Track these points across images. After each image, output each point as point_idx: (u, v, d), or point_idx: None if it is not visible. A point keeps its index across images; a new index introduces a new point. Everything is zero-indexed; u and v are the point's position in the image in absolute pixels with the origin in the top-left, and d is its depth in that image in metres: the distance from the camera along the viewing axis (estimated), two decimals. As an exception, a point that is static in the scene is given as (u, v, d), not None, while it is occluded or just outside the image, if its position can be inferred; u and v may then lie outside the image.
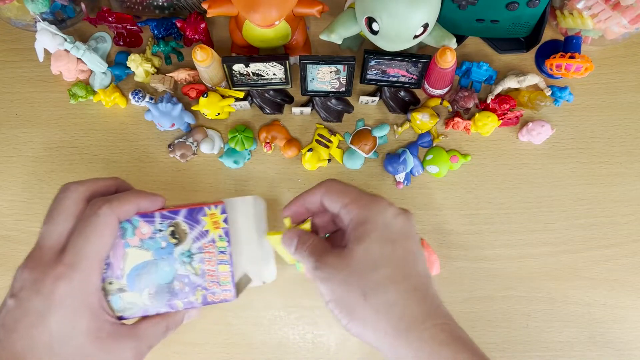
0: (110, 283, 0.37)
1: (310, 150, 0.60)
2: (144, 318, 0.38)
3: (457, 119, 0.60)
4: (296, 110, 0.62)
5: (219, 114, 0.60)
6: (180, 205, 0.40)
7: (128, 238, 0.37)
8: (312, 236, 0.38)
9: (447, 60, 0.54)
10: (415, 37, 0.51)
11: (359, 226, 0.35)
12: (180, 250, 0.38)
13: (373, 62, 0.57)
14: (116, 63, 0.64)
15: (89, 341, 0.32)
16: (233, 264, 0.39)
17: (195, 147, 0.61)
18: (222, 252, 0.39)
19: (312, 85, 0.59)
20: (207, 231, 0.39)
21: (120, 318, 0.37)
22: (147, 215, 0.38)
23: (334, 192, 0.38)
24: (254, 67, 0.57)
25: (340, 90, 0.60)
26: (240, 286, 0.41)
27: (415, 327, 0.32)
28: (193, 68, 0.62)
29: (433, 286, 0.35)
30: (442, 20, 0.54)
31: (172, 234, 0.38)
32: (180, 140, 0.61)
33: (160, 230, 0.38)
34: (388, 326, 0.33)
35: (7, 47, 0.66)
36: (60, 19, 0.64)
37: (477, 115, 0.59)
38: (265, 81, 0.60)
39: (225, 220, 0.39)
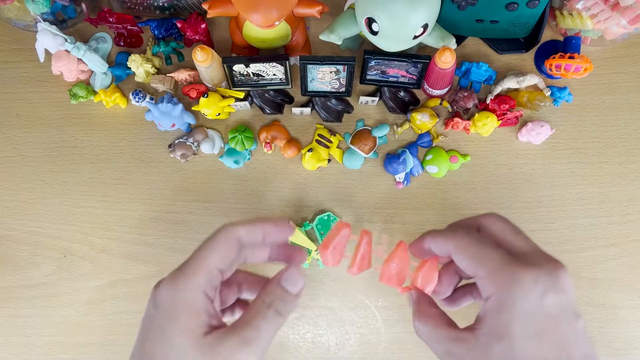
0: None
1: (310, 150, 0.60)
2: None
3: (456, 119, 0.60)
4: (296, 110, 0.62)
5: (219, 114, 0.60)
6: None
7: None
8: (434, 305, 0.34)
9: (447, 61, 0.54)
10: (415, 37, 0.51)
11: (497, 314, 0.30)
12: None
13: (373, 63, 0.57)
14: (117, 63, 0.64)
15: (188, 342, 0.29)
16: None
17: (196, 147, 0.61)
18: None
19: (312, 86, 0.60)
20: None
21: None
22: None
23: (467, 256, 0.32)
24: (254, 67, 0.57)
25: (340, 90, 0.60)
26: None
27: None
28: (193, 68, 0.62)
29: None
30: (441, 21, 0.54)
31: None
32: (181, 140, 0.61)
33: None
34: None
35: (8, 48, 0.66)
36: (60, 20, 0.64)
37: (476, 115, 0.60)
38: (265, 81, 0.60)
39: None
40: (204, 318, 0.30)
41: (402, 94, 0.62)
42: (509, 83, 0.59)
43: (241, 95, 0.60)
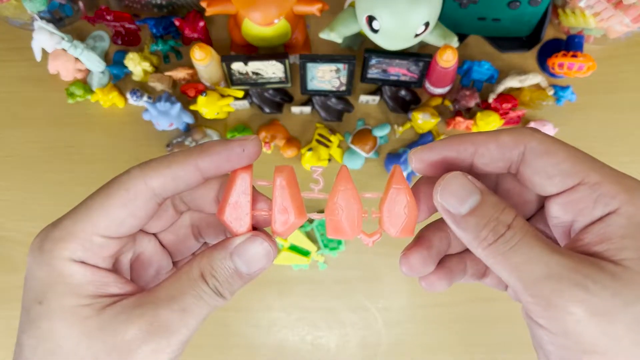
0: None
1: (310, 150, 0.60)
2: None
3: (458, 119, 0.59)
4: (296, 109, 0.61)
5: (217, 113, 0.59)
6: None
7: None
8: (512, 206, 0.22)
9: (449, 59, 0.53)
10: (416, 35, 0.50)
11: None
12: None
13: (373, 61, 0.57)
14: (114, 62, 0.63)
15: (68, 328, 0.21)
16: None
17: (194, 146, 0.61)
18: None
19: (312, 85, 0.59)
20: None
21: None
22: None
23: (562, 157, 0.21)
24: (253, 65, 0.56)
25: (341, 89, 0.60)
26: None
27: None
28: (192, 67, 0.61)
29: None
30: (443, 19, 0.54)
31: None
32: (179, 140, 0.60)
33: None
34: None
35: (5, 46, 0.65)
36: (58, 18, 0.63)
37: (478, 114, 0.59)
38: (264, 80, 0.59)
39: None
40: (88, 293, 0.21)
41: (403, 92, 0.61)
42: (511, 82, 0.59)
43: (240, 94, 0.60)
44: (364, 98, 0.61)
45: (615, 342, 0.18)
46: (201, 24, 0.60)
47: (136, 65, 0.60)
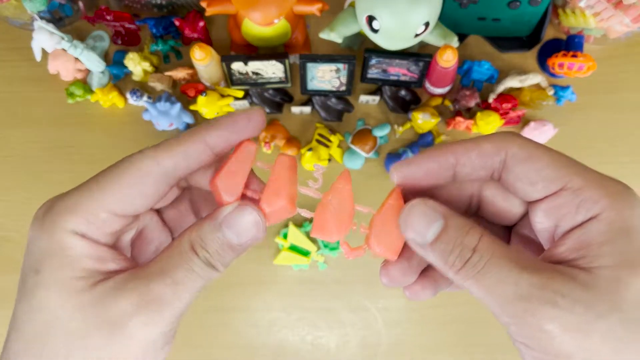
0: None
1: (310, 150, 0.60)
2: None
3: (458, 119, 0.59)
4: (296, 109, 0.61)
5: (217, 113, 0.59)
6: None
7: None
8: (477, 225, 0.21)
9: (449, 59, 0.53)
10: (416, 35, 0.50)
11: (625, 237, 0.19)
12: None
13: (373, 61, 0.56)
14: (114, 62, 0.63)
15: (61, 300, 0.20)
16: None
17: (194, 146, 0.61)
18: None
19: (312, 84, 0.59)
20: None
21: None
22: None
23: (547, 162, 0.21)
24: (253, 65, 0.56)
25: (341, 89, 0.60)
26: None
27: None
28: (192, 67, 0.61)
29: None
30: (443, 19, 0.54)
31: None
32: (179, 139, 0.60)
33: None
34: None
35: (5, 46, 0.65)
36: (58, 18, 0.63)
37: (478, 114, 0.59)
38: (264, 80, 0.59)
39: None
40: (85, 266, 0.21)
41: (403, 92, 0.61)
42: (512, 82, 0.59)
43: (240, 94, 0.60)
44: (364, 98, 0.61)
45: (594, 354, 0.18)
46: (201, 24, 0.60)
47: (136, 65, 0.60)
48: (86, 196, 0.22)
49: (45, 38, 0.59)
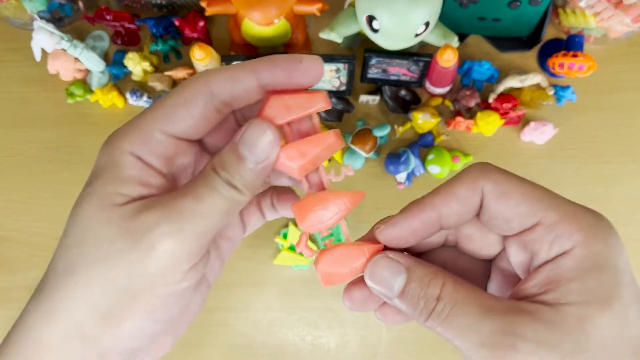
0: None
1: (310, 149, 0.59)
2: None
3: (458, 118, 0.59)
4: (296, 109, 0.61)
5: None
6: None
7: None
8: (440, 272, 0.22)
9: (449, 59, 0.53)
10: (417, 35, 0.50)
11: (595, 272, 0.19)
12: None
13: (374, 61, 0.56)
14: (114, 62, 0.63)
15: (96, 210, 0.21)
16: None
17: (194, 146, 0.61)
18: None
19: (312, 84, 0.59)
20: None
21: None
22: None
23: (522, 198, 0.21)
24: (253, 66, 0.56)
25: (341, 89, 0.59)
26: None
27: None
28: (192, 67, 0.61)
29: None
30: (443, 19, 0.54)
31: None
32: (179, 139, 0.60)
33: None
34: None
35: (4, 46, 0.65)
36: (57, 18, 0.63)
37: (478, 114, 0.59)
38: (264, 80, 0.59)
39: None
40: (130, 185, 0.21)
41: (403, 92, 0.61)
42: (512, 82, 0.59)
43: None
44: (364, 98, 0.61)
45: None
46: (201, 23, 0.60)
47: (136, 65, 0.60)
48: (143, 118, 0.23)
49: (45, 38, 0.59)
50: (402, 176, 0.60)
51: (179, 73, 0.61)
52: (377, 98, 0.61)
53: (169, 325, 0.23)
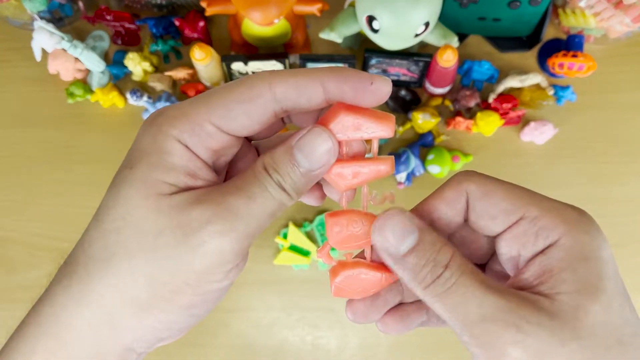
0: None
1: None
2: None
3: (458, 119, 0.59)
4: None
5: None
6: None
7: None
8: (450, 243, 0.22)
9: (449, 59, 0.53)
10: (417, 35, 0.50)
11: (583, 263, 0.20)
12: None
13: (374, 61, 0.56)
14: (114, 62, 0.63)
15: (141, 197, 0.21)
16: None
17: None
18: None
19: (312, 85, 0.59)
20: None
21: None
22: None
23: (505, 195, 0.22)
24: (253, 65, 0.56)
25: (341, 89, 0.60)
26: None
27: None
28: (192, 67, 0.61)
29: None
30: (443, 19, 0.54)
31: None
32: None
33: None
34: None
35: (4, 46, 0.65)
36: (58, 18, 0.63)
37: (478, 114, 0.59)
38: (264, 80, 0.59)
39: None
40: (176, 174, 0.21)
41: (403, 92, 0.61)
42: (512, 82, 0.59)
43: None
44: (364, 98, 0.61)
45: None
46: (201, 24, 0.60)
47: (136, 65, 0.60)
48: (195, 107, 0.21)
49: (45, 38, 0.59)
50: (402, 176, 0.60)
51: (179, 73, 0.61)
52: (377, 98, 0.61)
53: (201, 319, 0.23)
